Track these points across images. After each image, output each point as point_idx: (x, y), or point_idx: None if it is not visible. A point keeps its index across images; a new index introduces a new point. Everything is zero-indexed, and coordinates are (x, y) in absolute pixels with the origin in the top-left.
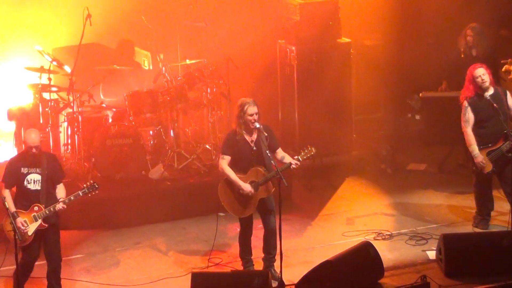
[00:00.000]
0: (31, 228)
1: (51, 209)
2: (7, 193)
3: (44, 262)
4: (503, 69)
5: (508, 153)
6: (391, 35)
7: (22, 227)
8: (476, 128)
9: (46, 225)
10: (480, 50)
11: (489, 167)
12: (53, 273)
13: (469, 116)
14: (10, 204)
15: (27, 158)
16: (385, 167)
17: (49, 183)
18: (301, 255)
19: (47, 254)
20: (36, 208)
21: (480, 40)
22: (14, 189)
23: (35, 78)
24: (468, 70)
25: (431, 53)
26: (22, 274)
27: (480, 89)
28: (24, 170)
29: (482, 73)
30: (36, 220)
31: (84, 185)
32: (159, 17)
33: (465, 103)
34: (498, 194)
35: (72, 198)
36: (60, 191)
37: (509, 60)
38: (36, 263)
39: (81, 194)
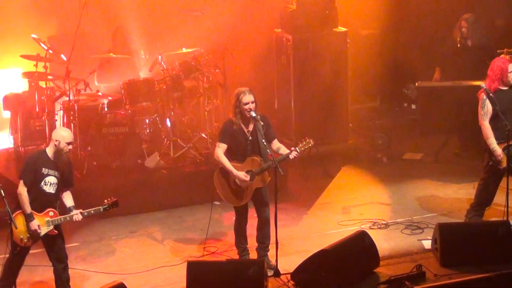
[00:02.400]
0: (42, 233)
1: (67, 218)
2: (25, 192)
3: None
4: None
5: None
6: (387, 24)
7: (38, 230)
8: (493, 122)
9: (56, 232)
10: (475, 40)
11: (505, 162)
12: (64, 274)
13: (487, 109)
14: (27, 204)
15: (52, 158)
16: (381, 156)
17: (61, 188)
18: (297, 244)
19: (56, 256)
20: (51, 213)
21: (475, 30)
22: None
23: (31, 67)
24: (497, 63)
25: (427, 42)
26: (17, 265)
27: (503, 84)
28: (44, 170)
29: None
30: (49, 226)
31: (106, 201)
32: (155, 5)
33: (483, 96)
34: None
35: (92, 212)
36: (68, 198)
37: (505, 49)
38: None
39: (102, 210)
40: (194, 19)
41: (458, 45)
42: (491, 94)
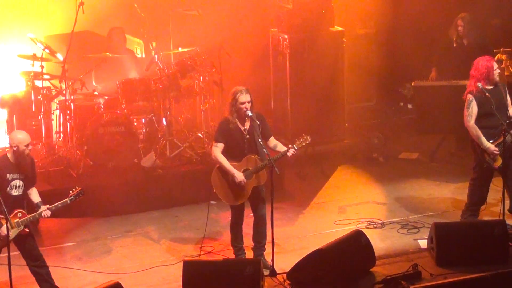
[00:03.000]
0: (12, 234)
1: (36, 216)
2: None
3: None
4: (496, 58)
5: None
6: (383, 23)
7: (9, 233)
8: (481, 121)
9: (28, 231)
10: (471, 39)
11: (499, 161)
12: (42, 271)
13: (473, 110)
14: None
15: (15, 163)
16: (377, 155)
17: (27, 187)
18: (293, 243)
19: (29, 255)
20: (19, 214)
21: (471, 29)
22: None
23: (28, 66)
24: (482, 62)
25: (424, 42)
26: None
27: (489, 83)
28: (9, 176)
29: (497, 66)
30: (19, 226)
31: (71, 191)
32: (151, 5)
33: (470, 97)
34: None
35: (59, 205)
36: (34, 195)
37: (501, 49)
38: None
39: (69, 202)
40: (190, 19)
41: (454, 44)
42: (487, 94)
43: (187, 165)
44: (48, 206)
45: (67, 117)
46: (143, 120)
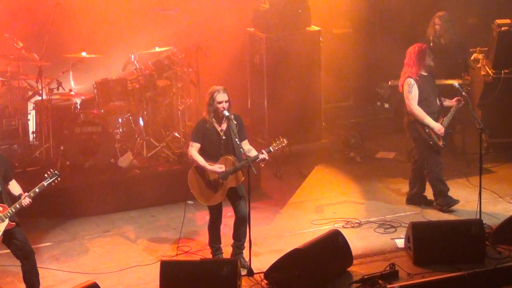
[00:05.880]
0: (0, 230)
1: (17, 206)
2: None
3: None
4: (472, 57)
5: (448, 130)
6: (360, 23)
7: None
8: (421, 106)
9: (14, 224)
10: (449, 38)
11: (441, 141)
12: (32, 270)
13: (415, 93)
14: None
15: None
16: (354, 155)
17: (3, 183)
18: (270, 243)
19: (21, 252)
20: (0, 208)
21: (448, 28)
22: None
23: (4, 66)
24: (412, 50)
25: (401, 41)
26: None
27: (424, 69)
28: None
29: (429, 51)
30: (3, 221)
31: (46, 175)
32: (129, 3)
33: (411, 81)
34: (466, 182)
35: (37, 190)
36: (15, 187)
37: (478, 48)
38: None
39: (45, 185)
40: (167, 18)
41: (431, 44)
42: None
43: (164, 165)
44: (26, 194)
45: (44, 117)
46: (120, 120)
